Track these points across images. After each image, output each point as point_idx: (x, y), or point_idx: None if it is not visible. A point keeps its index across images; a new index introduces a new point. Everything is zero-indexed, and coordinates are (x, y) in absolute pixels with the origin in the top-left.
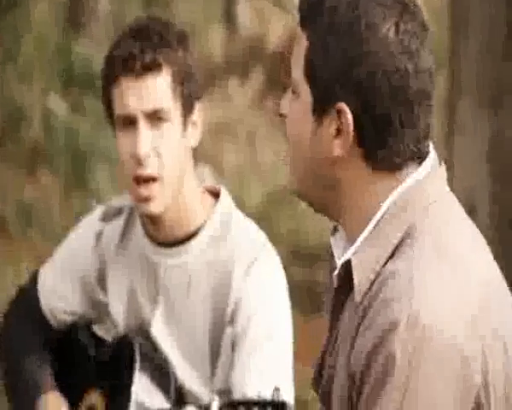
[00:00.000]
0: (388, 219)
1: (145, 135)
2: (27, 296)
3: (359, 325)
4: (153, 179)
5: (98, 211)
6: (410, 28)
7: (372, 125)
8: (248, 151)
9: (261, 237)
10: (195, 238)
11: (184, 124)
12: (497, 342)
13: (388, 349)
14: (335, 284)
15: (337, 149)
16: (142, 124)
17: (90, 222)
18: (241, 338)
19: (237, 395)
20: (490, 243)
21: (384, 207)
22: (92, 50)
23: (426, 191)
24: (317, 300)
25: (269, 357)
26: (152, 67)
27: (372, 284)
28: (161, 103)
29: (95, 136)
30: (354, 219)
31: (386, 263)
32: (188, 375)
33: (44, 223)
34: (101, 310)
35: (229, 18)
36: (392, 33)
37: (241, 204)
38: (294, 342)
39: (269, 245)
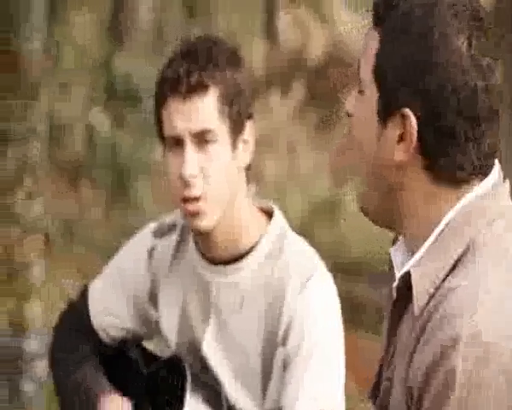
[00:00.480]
0: (450, 232)
1: (192, 156)
2: (77, 312)
3: (418, 339)
4: (199, 199)
5: (151, 227)
6: (483, 44)
7: (435, 135)
8: (289, 163)
9: (314, 257)
10: (249, 257)
11: (234, 144)
12: None
13: (449, 365)
14: (394, 296)
15: (399, 153)
16: (190, 145)
17: (143, 238)
18: (292, 358)
19: None
20: None
21: (446, 220)
22: (134, 64)
23: (489, 207)
24: (357, 313)
25: (321, 378)
26: (198, 89)
27: (431, 297)
28: (208, 124)
29: (136, 149)
30: (415, 229)
31: (446, 277)
32: (239, 395)
33: (87, 236)
34: (152, 327)
35: (270, 30)
36: (464, 48)
37: None
38: None
39: (322, 265)
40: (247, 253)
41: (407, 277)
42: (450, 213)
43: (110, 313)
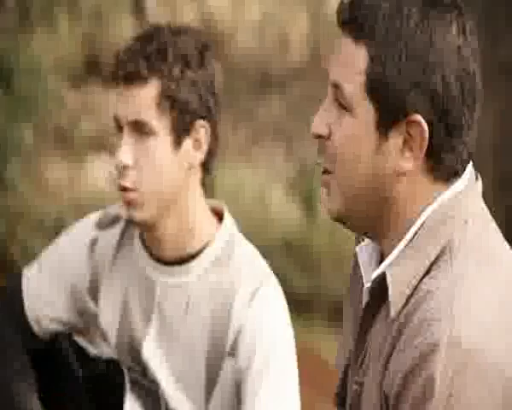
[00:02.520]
0: (426, 232)
1: (127, 145)
2: (10, 299)
3: (394, 343)
4: (132, 190)
5: (94, 217)
6: (470, 27)
7: (445, 132)
8: None
9: (263, 264)
10: (197, 260)
11: (177, 141)
12: None
13: (428, 371)
14: (366, 297)
15: (406, 162)
16: (127, 133)
17: (85, 228)
18: (246, 373)
19: None
20: None
21: (421, 219)
22: (2, 43)
23: (464, 206)
24: None
25: (276, 391)
26: (136, 78)
27: (408, 299)
28: (144, 116)
29: (7, 128)
30: (396, 230)
31: (422, 278)
32: (180, 401)
33: None
34: (89, 320)
35: (138, 6)
36: (461, 36)
37: None
38: None
39: (271, 273)
40: (196, 255)
41: (381, 277)
42: (426, 212)
43: (44, 300)
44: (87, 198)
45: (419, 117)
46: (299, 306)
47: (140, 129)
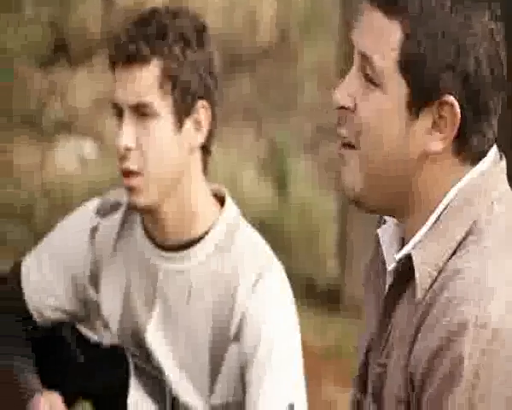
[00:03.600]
0: (451, 213)
1: (128, 128)
2: (9, 288)
3: (420, 324)
4: (135, 174)
5: (93, 204)
6: (500, 17)
7: (474, 114)
8: None
9: (267, 249)
10: (199, 245)
11: (179, 122)
12: None
13: (455, 351)
14: (390, 279)
15: (434, 143)
16: (128, 117)
17: (85, 215)
18: (251, 359)
19: None
20: None
21: (446, 200)
22: None
23: (490, 186)
24: None
25: (282, 376)
26: (137, 59)
27: (434, 280)
28: (146, 98)
29: None
30: (420, 212)
31: (448, 260)
32: (184, 387)
33: None
34: (91, 309)
35: None
36: (493, 21)
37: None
38: None
39: (274, 258)
40: (198, 240)
41: (406, 259)
42: (451, 192)
43: (44, 289)
44: (56, 182)
45: (452, 98)
46: None
47: (141, 111)
